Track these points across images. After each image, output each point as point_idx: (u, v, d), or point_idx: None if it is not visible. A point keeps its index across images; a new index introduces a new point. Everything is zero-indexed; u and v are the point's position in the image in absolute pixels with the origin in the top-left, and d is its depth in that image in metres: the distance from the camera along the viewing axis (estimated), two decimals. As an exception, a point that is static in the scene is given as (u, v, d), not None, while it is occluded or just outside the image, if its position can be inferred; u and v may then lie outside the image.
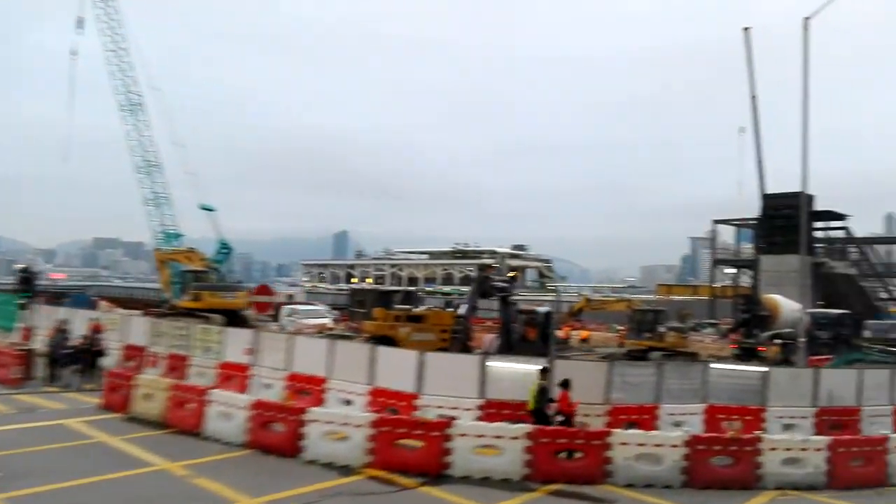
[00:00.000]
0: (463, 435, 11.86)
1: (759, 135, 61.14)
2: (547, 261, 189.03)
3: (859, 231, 70.89)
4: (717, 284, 69.98)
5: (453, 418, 13.95)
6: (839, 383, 16.44)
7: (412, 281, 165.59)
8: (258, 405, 13.43)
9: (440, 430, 11.97)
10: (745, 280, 63.29)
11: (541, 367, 14.02)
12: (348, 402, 15.61)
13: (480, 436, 11.97)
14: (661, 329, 33.39)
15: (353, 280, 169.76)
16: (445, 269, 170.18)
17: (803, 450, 12.03)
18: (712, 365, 15.93)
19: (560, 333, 42.51)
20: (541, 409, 13.58)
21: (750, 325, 37.27)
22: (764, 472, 11.85)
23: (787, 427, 15.55)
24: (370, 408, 15.11)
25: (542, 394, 13.63)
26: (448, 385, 14.73)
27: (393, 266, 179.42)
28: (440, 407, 14.45)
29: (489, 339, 22.43)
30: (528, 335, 22.57)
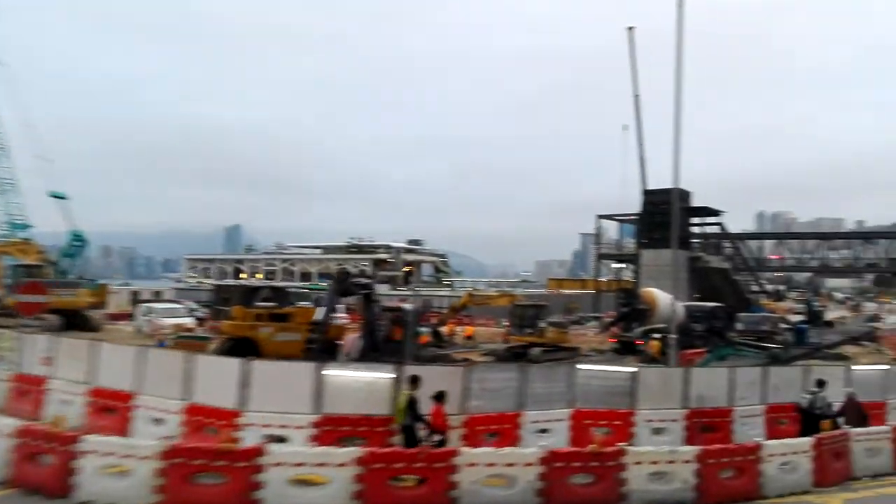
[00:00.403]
0: (278, 464, 9.65)
1: (640, 132, 62.60)
2: (443, 255, 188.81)
3: (732, 227, 74.54)
4: (604, 279, 71.46)
5: (281, 440, 11.70)
6: (710, 382, 15.59)
7: (305, 276, 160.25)
8: (25, 432, 10.60)
9: (248, 458, 9.69)
10: (629, 274, 64.75)
11: (410, 376, 12.07)
12: (159, 422, 12.98)
13: (300, 464, 9.80)
14: (542, 324, 32.50)
15: (241, 276, 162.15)
16: (340, 264, 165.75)
17: (670, 462, 10.75)
18: (580, 366, 14.58)
19: (444, 330, 41.17)
20: (410, 427, 11.66)
21: (629, 319, 37.39)
22: (629, 490, 10.47)
23: (658, 431, 14.47)
24: (184, 428, 12.58)
25: (412, 407, 11.69)
26: (278, 399, 12.44)
27: (285, 261, 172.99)
28: (267, 426, 12.15)
29: (351, 340, 20.26)
30: (395, 335, 20.67)
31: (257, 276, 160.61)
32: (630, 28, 62.70)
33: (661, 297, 37.85)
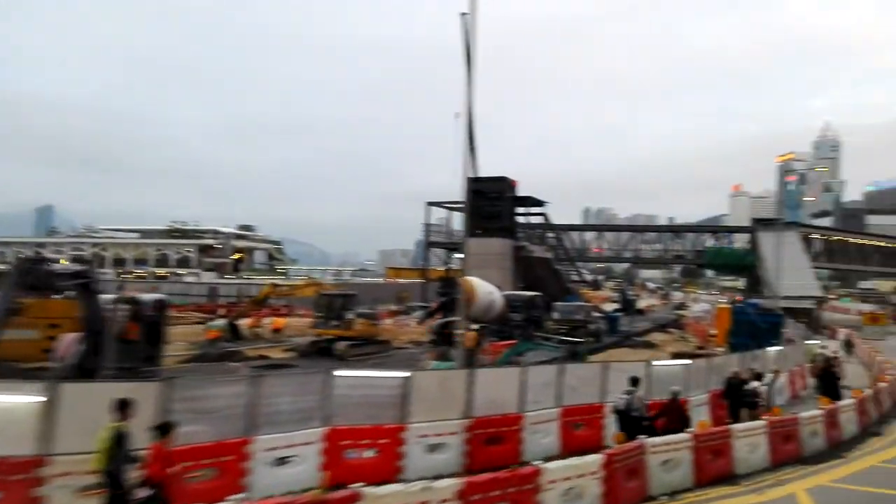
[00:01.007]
0: None
1: (471, 121, 61.46)
2: (277, 242, 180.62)
3: (562, 222, 76.58)
4: (443, 268, 70.13)
5: None
6: (499, 384, 13.32)
7: (119, 262, 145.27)
8: None
9: None
10: (460, 263, 63.79)
11: (118, 401, 8.05)
12: None
13: None
14: (350, 316, 29.44)
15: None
16: (159, 250, 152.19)
17: (424, 504, 8.01)
18: (338, 373, 11.57)
19: (247, 322, 36.87)
20: (114, 473, 7.69)
21: (449, 309, 35.50)
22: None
23: (433, 448, 11.89)
24: None
25: (119, 446, 7.75)
26: None
27: (95, 245, 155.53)
28: None
29: (68, 341, 15.71)
30: (129, 333, 16.45)
31: (62, 261, 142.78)
32: (463, 14, 61.45)
33: (479, 286, 36.37)
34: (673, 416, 13.77)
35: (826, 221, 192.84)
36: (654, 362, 16.24)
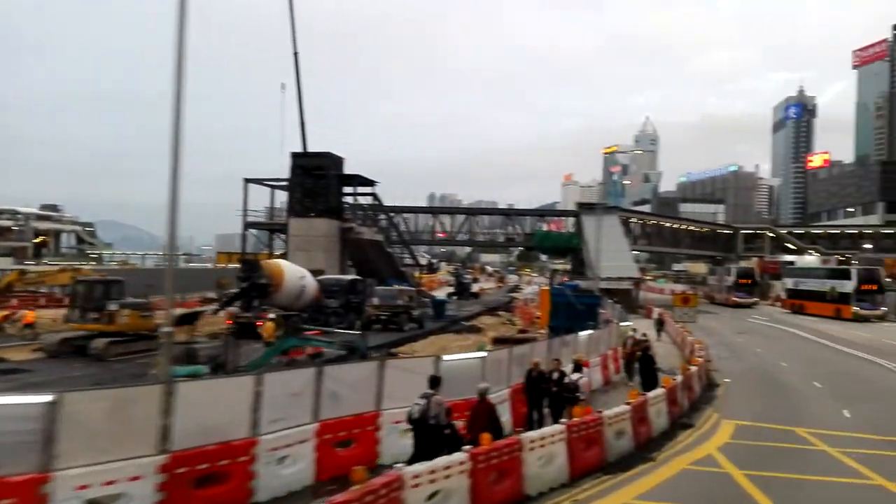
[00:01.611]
0: None
1: (301, 93, 56.82)
2: (89, 224, 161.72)
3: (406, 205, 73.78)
4: (267, 252, 64.51)
5: None
6: (219, 401, 9.71)
7: None
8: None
9: None
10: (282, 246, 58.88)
11: None
12: None
13: None
14: (114, 306, 24.26)
15: None
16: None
17: None
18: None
19: (-3, 316, 30.09)
20: None
21: (249, 296, 31.19)
22: None
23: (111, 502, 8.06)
24: None
25: None
26: None
27: None
28: None
29: None
30: None
31: None
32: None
33: (289, 270, 32.39)
34: (480, 421, 11.16)
35: (646, 209, 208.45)
36: (445, 357, 13.44)
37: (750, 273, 69.54)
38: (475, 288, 78.66)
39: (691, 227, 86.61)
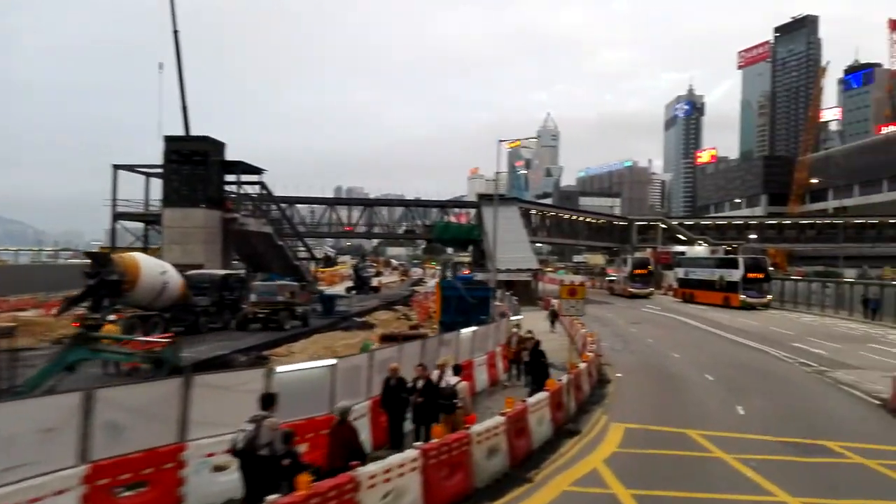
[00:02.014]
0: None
1: (181, 74, 51.96)
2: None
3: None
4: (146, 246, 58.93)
5: None
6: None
7: None
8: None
9: None
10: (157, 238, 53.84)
11: None
12: None
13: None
14: None
15: None
16: None
17: None
18: None
19: None
20: None
21: (98, 294, 27.25)
22: None
23: None
24: None
25: None
26: None
27: None
28: None
29: None
30: None
31: None
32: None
33: (146, 265, 28.60)
34: (339, 448, 8.89)
35: (548, 202, 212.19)
36: (280, 369, 10.92)
37: (645, 263, 69.12)
38: (376, 282, 76.06)
39: (588, 219, 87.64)
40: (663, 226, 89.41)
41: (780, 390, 19.43)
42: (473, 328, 19.18)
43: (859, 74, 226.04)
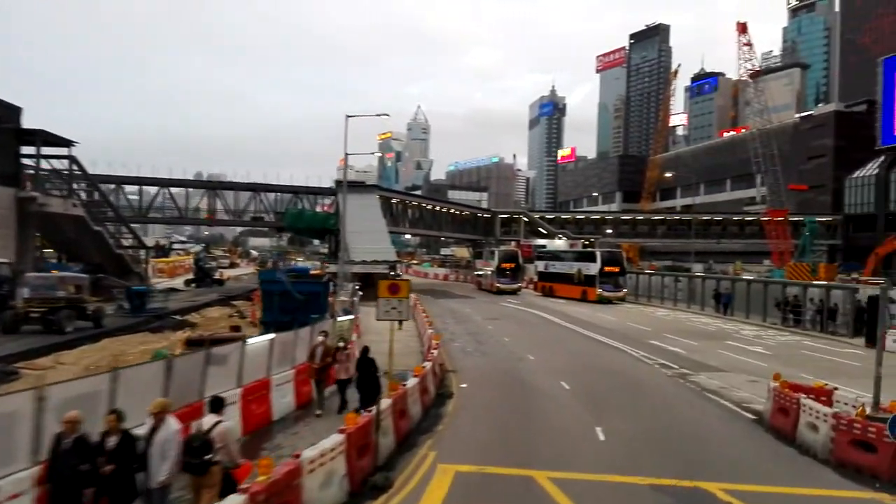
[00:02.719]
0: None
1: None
2: None
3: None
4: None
5: None
6: None
7: None
8: None
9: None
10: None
11: None
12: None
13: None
14: None
15: None
16: None
17: None
18: None
19: None
20: None
21: None
22: None
23: None
24: None
25: None
26: None
27: None
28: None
29: None
30: None
31: None
32: None
33: None
34: None
35: (417, 194, 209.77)
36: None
37: (514, 256, 63.12)
38: (222, 274, 68.81)
39: (452, 210, 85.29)
40: (525, 219, 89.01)
41: (644, 403, 16.68)
42: (270, 336, 14.72)
43: (705, 82, 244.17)
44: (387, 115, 44.98)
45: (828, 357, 25.21)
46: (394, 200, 72.82)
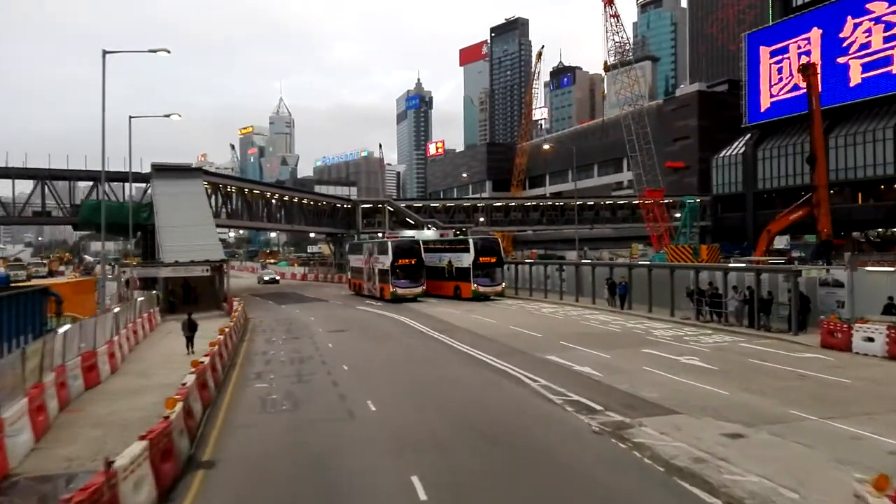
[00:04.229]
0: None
1: None
2: None
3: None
4: None
5: None
6: None
7: None
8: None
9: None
10: None
11: None
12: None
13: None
14: None
15: None
16: None
17: None
18: None
19: None
20: None
21: None
22: None
23: None
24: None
25: None
26: None
27: None
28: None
29: None
30: None
31: None
32: None
33: None
34: None
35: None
36: None
37: (414, 249, 44.08)
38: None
39: (306, 200, 74.43)
40: (391, 208, 79.95)
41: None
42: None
43: (563, 76, 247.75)
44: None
45: (789, 368, 18.03)
46: (231, 189, 60.84)
